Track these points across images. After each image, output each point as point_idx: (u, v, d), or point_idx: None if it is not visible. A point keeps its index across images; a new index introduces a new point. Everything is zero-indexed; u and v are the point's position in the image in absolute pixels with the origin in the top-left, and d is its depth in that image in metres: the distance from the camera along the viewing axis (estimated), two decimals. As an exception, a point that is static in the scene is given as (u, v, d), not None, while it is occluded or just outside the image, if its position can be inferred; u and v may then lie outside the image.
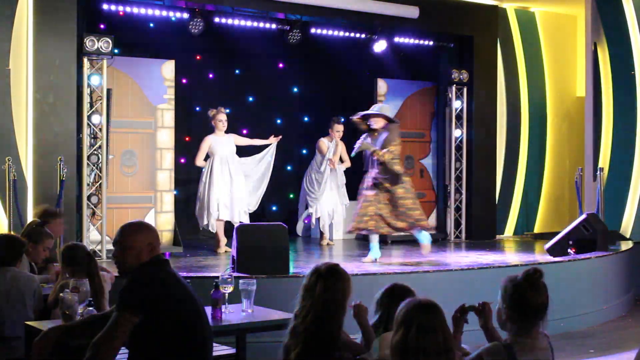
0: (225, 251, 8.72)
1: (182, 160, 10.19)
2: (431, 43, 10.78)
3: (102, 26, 9.39)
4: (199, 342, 3.32)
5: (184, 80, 10.37)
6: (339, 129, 9.79)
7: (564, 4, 11.84)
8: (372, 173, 7.98)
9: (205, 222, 8.89)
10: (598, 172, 10.14)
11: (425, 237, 8.11)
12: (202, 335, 3.34)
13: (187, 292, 3.36)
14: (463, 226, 10.85)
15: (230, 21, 9.47)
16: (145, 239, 3.34)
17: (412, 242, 10.30)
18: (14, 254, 4.67)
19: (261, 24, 9.64)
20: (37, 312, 4.55)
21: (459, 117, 10.89)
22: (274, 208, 11.34)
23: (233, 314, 4.43)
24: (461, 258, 8.91)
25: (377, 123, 7.94)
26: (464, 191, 10.87)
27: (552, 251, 8.69)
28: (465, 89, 10.87)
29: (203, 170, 8.95)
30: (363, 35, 10.34)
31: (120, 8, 8.90)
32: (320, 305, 3.17)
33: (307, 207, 10.06)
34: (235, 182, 8.90)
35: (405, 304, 2.70)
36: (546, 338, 3.11)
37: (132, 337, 3.21)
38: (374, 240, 8.02)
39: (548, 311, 3.04)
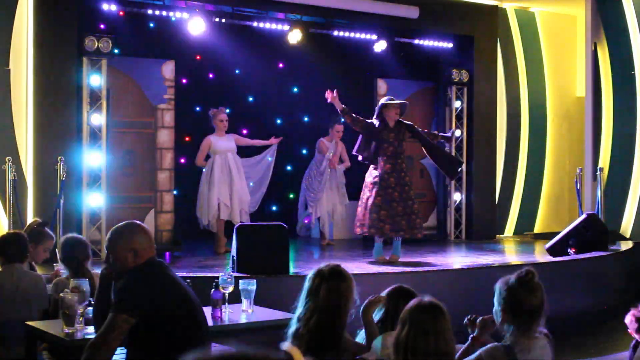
0: (225, 251, 8.71)
1: (182, 160, 10.18)
2: (431, 43, 10.78)
3: (102, 26, 9.37)
4: (197, 343, 3.32)
5: (184, 80, 10.36)
6: (339, 129, 9.79)
7: (564, 4, 11.84)
8: None
9: (206, 222, 8.88)
10: (598, 172, 10.14)
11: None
12: (200, 335, 3.34)
13: (183, 293, 3.36)
14: (463, 226, 10.84)
15: (230, 21, 9.47)
16: (126, 247, 3.32)
17: (412, 242, 10.31)
18: (20, 251, 4.67)
19: (261, 24, 9.64)
20: (41, 312, 4.54)
21: (459, 117, 10.89)
22: (274, 208, 11.32)
23: (233, 314, 4.43)
24: (461, 258, 8.91)
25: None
26: (464, 191, 10.87)
27: (552, 251, 8.68)
28: (465, 89, 10.87)
29: (204, 170, 8.94)
30: (363, 35, 10.33)
31: (121, 8, 8.90)
32: (324, 308, 3.16)
33: (307, 207, 10.05)
34: (236, 182, 8.89)
35: (411, 303, 2.71)
36: (546, 338, 3.10)
37: (129, 337, 3.22)
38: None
39: (545, 311, 3.03)
